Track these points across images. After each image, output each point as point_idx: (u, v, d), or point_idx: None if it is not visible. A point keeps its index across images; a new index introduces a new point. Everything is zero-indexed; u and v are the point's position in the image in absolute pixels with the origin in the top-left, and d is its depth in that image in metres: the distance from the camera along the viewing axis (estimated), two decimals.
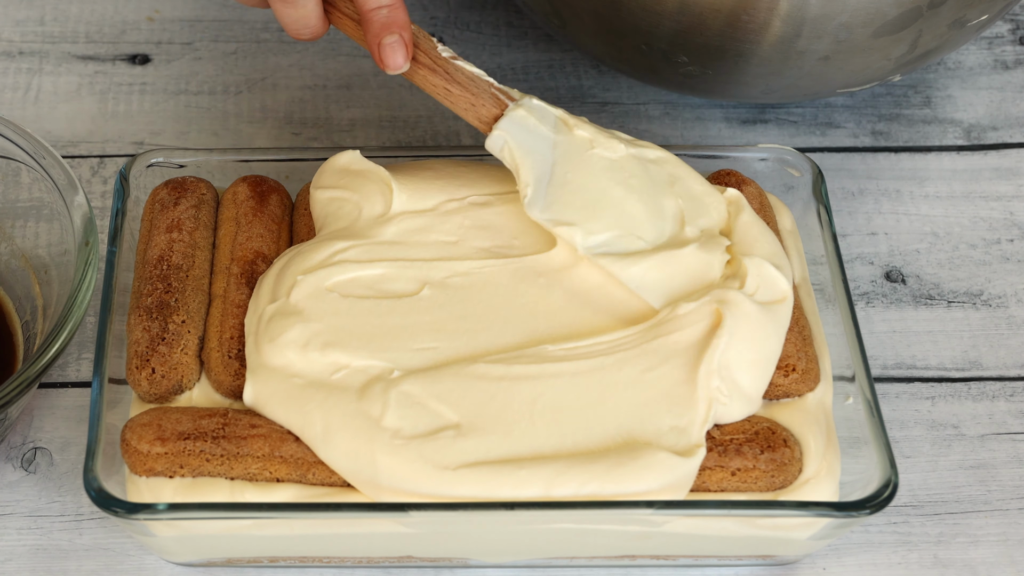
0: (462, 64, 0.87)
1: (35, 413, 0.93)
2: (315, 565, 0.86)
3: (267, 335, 0.83)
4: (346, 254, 0.86)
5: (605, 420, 0.81)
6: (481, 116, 0.86)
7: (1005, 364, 0.97)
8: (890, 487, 0.80)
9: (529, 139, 0.86)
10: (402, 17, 0.85)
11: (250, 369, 0.83)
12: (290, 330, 0.83)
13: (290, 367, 0.82)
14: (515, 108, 0.86)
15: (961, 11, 0.96)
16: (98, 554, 0.88)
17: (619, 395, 0.82)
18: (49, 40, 1.13)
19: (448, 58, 0.86)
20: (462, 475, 0.79)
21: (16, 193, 0.95)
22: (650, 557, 0.86)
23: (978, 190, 1.06)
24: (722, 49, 0.96)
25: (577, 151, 0.87)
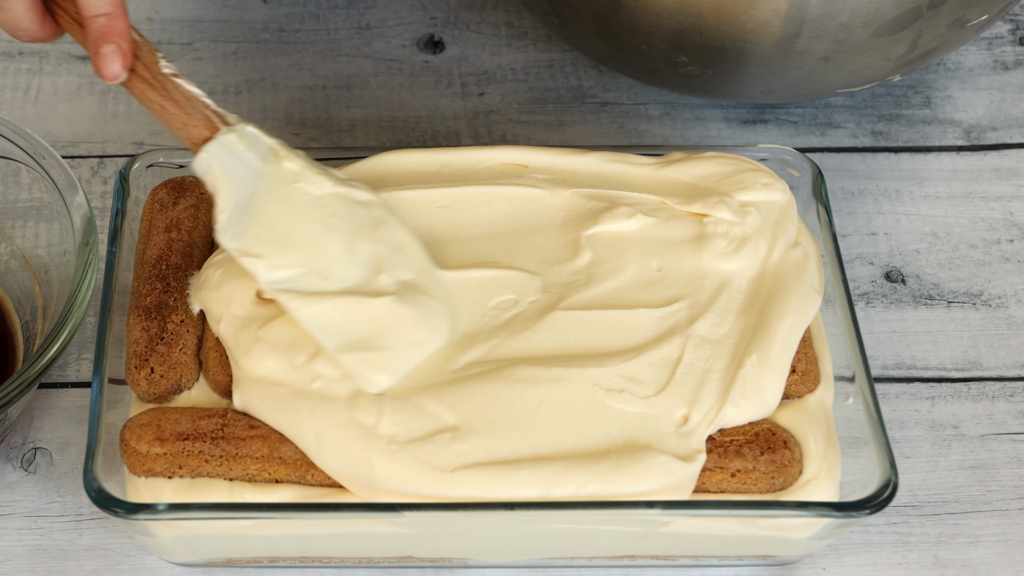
0: (182, 82, 0.84)
1: (35, 413, 0.93)
2: (315, 565, 0.86)
3: (240, 348, 0.83)
4: None
5: (606, 423, 0.81)
6: (192, 136, 0.84)
7: (1005, 364, 0.97)
8: (890, 487, 0.80)
9: (234, 165, 0.84)
10: (121, 26, 0.82)
11: (235, 378, 0.83)
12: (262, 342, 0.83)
13: (271, 376, 0.82)
14: (226, 132, 0.84)
15: (961, 11, 0.96)
16: (98, 554, 0.88)
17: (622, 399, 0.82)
18: None
19: (169, 74, 0.84)
20: (460, 476, 0.79)
21: (16, 193, 0.95)
22: (650, 557, 0.86)
23: (978, 190, 1.06)
24: (722, 49, 0.96)
25: (280, 183, 0.84)
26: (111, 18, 0.82)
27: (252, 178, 0.84)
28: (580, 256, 0.87)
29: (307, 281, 0.83)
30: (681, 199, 0.89)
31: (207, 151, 0.83)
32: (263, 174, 0.84)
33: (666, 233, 0.88)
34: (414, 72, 1.12)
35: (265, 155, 0.85)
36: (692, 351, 0.84)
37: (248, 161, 0.84)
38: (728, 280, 0.87)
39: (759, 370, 0.83)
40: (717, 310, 0.86)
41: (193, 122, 0.84)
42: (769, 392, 0.83)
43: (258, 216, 0.84)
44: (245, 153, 0.84)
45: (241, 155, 0.84)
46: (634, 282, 0.87)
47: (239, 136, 0.84)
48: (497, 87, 1.11)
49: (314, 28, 1.15)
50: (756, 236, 0.87)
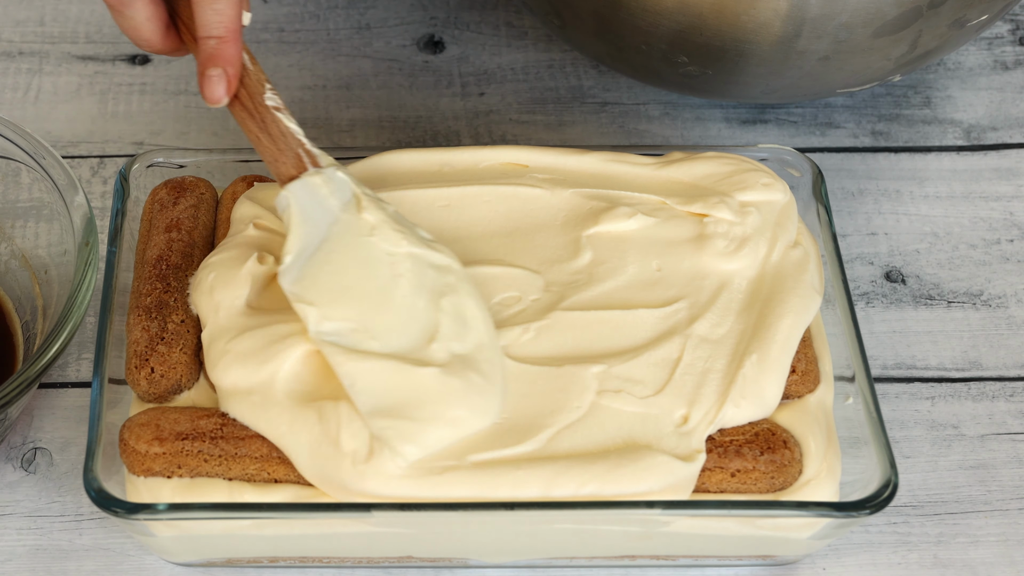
0: (281, 117, 0.84)
1: (35, 413, 0.93)
2: (315, 565, 0.86)
3: (210, 360, 0.83)
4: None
5: (606, 423, 0.81)
6: (280, 172, 0.84)
7: (1005, 364, 0.97)
8: (890, 487, 0.80)
9: (313, 208, 0.83)
10: (230, 52, 0.82)
11: (216, 388, 0.84)
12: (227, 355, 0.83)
13: (239, 386, 0.82)
14: (313, 174, 0.83)
15: (961, 11, 0.96)
16: (98, 554, 0.88)
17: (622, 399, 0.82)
18: (49, 40, 1.13)
19: (271, 107, 0.84)
20: (450, 478, 0.79)
21: (16, 193, 0.95)
22: (650, 557, 0.86)
23: (978, 190, 1.06)
24: (722, 49, 0.96)
25: (353, 234, 0.83)
26: (222, 42, 0.82)
27: (327, 224, 0.83)
28: (580, 256, 0.87)
29: (355, 338, 0.81)
30: (681, 199, 0.89)
31: (289, 189, 0.83)
32: (339, 222, 0.83)
33: (666, 233, 0.88)
34: (414, 72, 1.12)
35: (347, 203, 0.83)
36: (692, 351, 0.84)
37: (328, 206, 0.83)
38: (728, 280, 0.87)
39: (759, 370, 0.83)
40: (717, 310, 0.86)
41: (283, 158, 0.84)
42: (769, 392, 0.83)
43: (323, 264, 0.82)
44: (327, 198, 0.83)
45: (323, 199, 0.83)
46: (634, 282, 0.87)
47: (325, 180, 0.83)
48: (497, 87, 1.11)
49: (314, 28, 1.15)
50: (756, 236, 0.88)
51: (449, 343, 0.82)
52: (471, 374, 0.81)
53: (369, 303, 0.82)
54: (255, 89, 0.84)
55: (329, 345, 0.81)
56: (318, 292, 0.82)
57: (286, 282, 0.82)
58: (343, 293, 0.82)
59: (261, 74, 0.84)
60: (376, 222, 0.83)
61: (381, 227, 0.83)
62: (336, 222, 0.83)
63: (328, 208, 0.83)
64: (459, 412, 0.80)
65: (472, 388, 0.81)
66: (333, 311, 0.81)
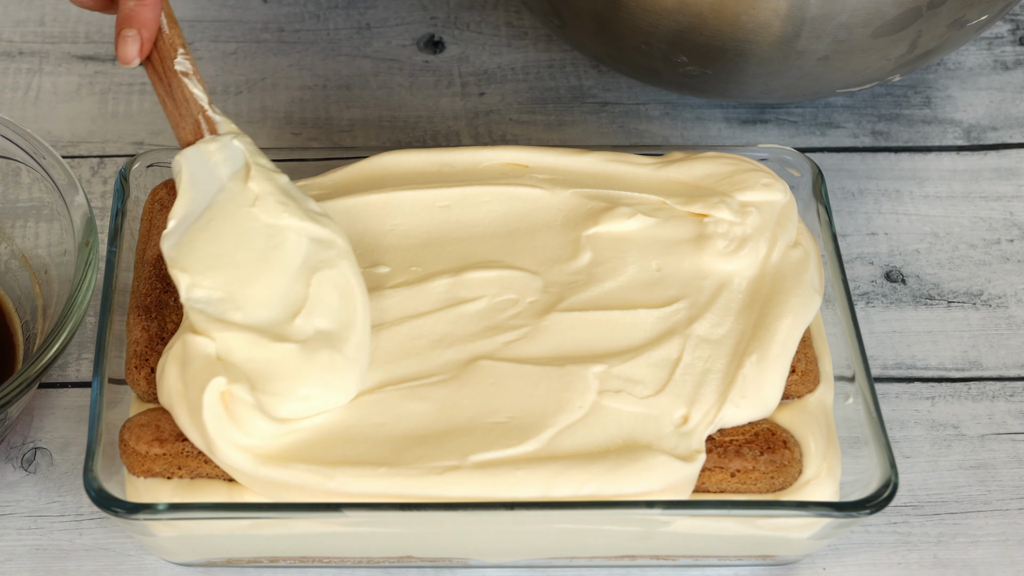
0: (187, 83, 0.86)
1: (35, 413, 0.93)
2: (315, 565, 0.86)
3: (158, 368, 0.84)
4: None
5: (606, 423, 0.81)
6: (180, 137, 0.86)
7: (1005, 364, 0.97)
8: (890, 487, 0.80)
9: (203, 174, 0.84)
10: (146, 15, 0.84)
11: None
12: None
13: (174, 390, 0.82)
14: (208, 141, 0.85)
15: (961, 11, 0.96)
16: (98, 554, 0.88)
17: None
18: (49, 40, 1.13)
19: (179, 72, 0.86)
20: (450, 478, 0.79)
21: (16, 193, 0.95)
22: (650, 557, 0.86)
23: (978, 190, 1.06)
24: (722, 49, 0.96)
25: (235, 203, 0.84)
26: (140, 4, 0.84)
27: (213, 192, 0.84)
28: (580, 256, 0.87)
29: (220, 307, 0.82)
30: (681, 199, 0.89)
31: (183, 154, 0.85)
32: (224, 190, 0.84)
33: (666, 233, 0.88)
34: (414, 72, 1.12)
35: (236, 172, 0.85)
36: (692, 351, 0.84)
37: (218, 174, 0.84)
38: (728, 280, 0.87)
39: (759, 370, 0.83)
40: (717, 310, 0.86)
41: (183, 123, 0.86)
42: (769, 392, 0.83)
43: (201, 231, 0.83)
44: (219, 166, 0.84)
45: (213, 167, 0.84)
46: (634, 282, 0.87)
47: (219, 148, 0.85)
48: (497, 87, 1.11)
49: (314, 28, 1.15)
50: (756, 236, 0.88)
51: (313, 319, 0.82)
52: (329, 352, 0.81)
53: (240, 273, 0.83)
54: (166, 53, 0.86)
55: (196, 312, 0.82)
56: (193, 259, 0.83)
57: (166, 246, 0.83)
58: (216, 261, 0.83)
59: (177, 38, 0.86)
60: (261, 192, 0.84)
61: (265, 198, 0.84)
62: (222, 190, 0.84)
63: (217, 176, 0.84)
64: (309, 390, 0.81)
65: (328, 366, 0.81)
66: (204, 279, 0.82)
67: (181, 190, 0.84)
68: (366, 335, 0.83)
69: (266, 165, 0.86)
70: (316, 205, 0.86)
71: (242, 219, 0.84)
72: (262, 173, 0.85)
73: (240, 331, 0.81)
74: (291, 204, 0.84)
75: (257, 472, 0.79)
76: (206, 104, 0.86)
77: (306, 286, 0.83)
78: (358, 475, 0.79)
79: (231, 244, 0.83)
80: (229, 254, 0.83)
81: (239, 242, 0.83)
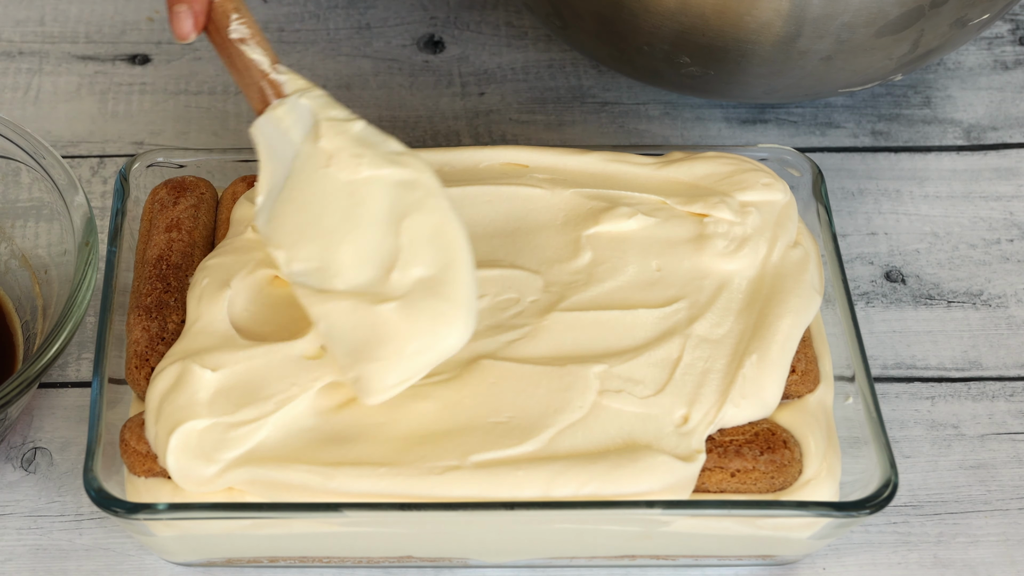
0: (245, 49, 0.82)
1: (35, 413, 0.93)
2: (315, 565, 0.86)
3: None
4: None
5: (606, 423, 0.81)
6: (253, 107, 0.83)
7: (1005, 364, 0.97)
8: (890, 487, 0.80)
9: (278, 142, 0.81)
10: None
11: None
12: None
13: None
14: (276, 107, 0.81)
15: (963, 10, 0.96)
16: (98, 554, 0.88)
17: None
18: (49, 40, 1.13)
19: (235, 39, 0.82)
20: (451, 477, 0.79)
21: (16, 193, 0.95)
22: (650, 557, 0.86)
23: (978, 190, 1.06)
24: (724, 49, 0.96)
25: (311, 167, 0.81)
26: None
27: (290, 159, 0.81)
28: (580, 256, 0.87)
29: (319, 277, 0.80)
30: (681, 199, 0.89)
31: (255, 126, 0.82)
32: (300, 155, 0.81)
33: (666, 233, 0.88)
34: (414, 72, 1.12)
35: (308, 133, 0.81)
36: (692, 351, 0.84)
37: (291, 139, 0.81)
38: (728, 280, 0.87)
39: (759, 370, 0.83)
40: (717, 310, 0.86)
41: (250, 93, 0.82)
42: (769, 392, 0.83)
43: (286, 202, 0.81)
44: (290, 130, 0.81)
45: (286, 132, 0.81)
46: (634, 282, 0.87)
47: (288, 110, 0.81)
48: (497, 87, 1.11)
49: (314, 28, 1.15)
50: (756, 236, 0.88)
51: (410, 269, 0.79)
52: (432, 301, 0.79)
53: (330, 239, 0.80)
54: (221, 22, 0.82)
55: (300, 287, 0.80)
56: (284, 233, 0.81)
57: (260, 223, 0.81)
58: (306, 231, 0.81)
59: (229, 3, 0.82)
60: (333, 149, 0.81)
61: (338, 155, 0.81)
62: (297, 156, 0.81)
63: (291, 141, 0.81)
64: (419, 344, 0.78)
65: (434, 316, 0.79)
66: (299, 251, 0.80)
67: (261, 163, 0.81)
68: (468, 272, 0.79)
69: (338, 116, 0.82)
70: (397, 144, 0.82)
71: (320, 182, 0.81)
72: (332, 128, 0.82)
73: (340, 300, 0.79)
74: (367, 153, 0.81)
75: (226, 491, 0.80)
76: (267, 67, 0.82)
77: (396, 236, 0.80)
78: (359, 475, 0.79)
79: (316, 210, 0.81)
80: (316, 221, 0.80)
81: (323, 206, 0.81)
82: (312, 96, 0.82)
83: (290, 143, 0.81)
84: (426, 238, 0.80)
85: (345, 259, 0.80)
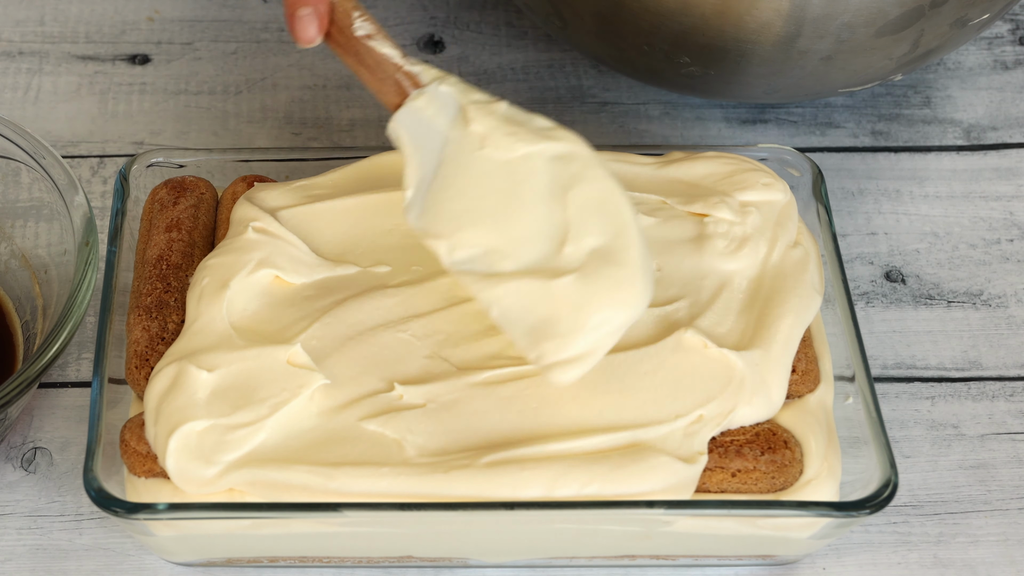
0: (374, 45, 0.81)
1: (35, 413, 0.93)
2: (315, 565, 0.86)
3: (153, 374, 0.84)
4: None
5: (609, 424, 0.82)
6: (386, 103, 0.82)
7: (1005, 364, 0.97)
8: (890, 487, 0.80)
9: (422, 134, 0.80)
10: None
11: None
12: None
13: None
14: (415, 98, 0.80)
15: (963, 10, 0.96)
16: (98, 554, 0.88)
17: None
18: (49, 40, 1.13)
19: (362, 37, 0.81)
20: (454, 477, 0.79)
21: (16, 193, 0.95)
22: (650, 557, 0.86)
23: (978, 190, 1.06)
24: (724, 49, 0.96)
25: (466, 151, 0.80)
26: None
27: (439, 147, 0.80)
28: None
29: (488, 261, 0.79)
30: (681, 199, 0.89)
31: (395, 120, 0.81)
32: (450, 142, 0.80)
33: (666, 233, 0.88)
34: None
35: (454, 119, 0.81)
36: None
37: (436, 127, 0.80)
38: (728, 280, 0.87)
39: (764, 370, 0.83)
40: (717, 310, 0.86)
41: (385, 88, 0.81)
42: (775, 392, 0.83)
43: (441, 191, 0.80)
44: (434, 119, 0.80)
45: (429, 122, 0.80)
46: None
47: (429, 100, 0.81)
48: (497, 87, 1.11)
49: None
50: (756, 236, 0.88)
51: (582, 240, 0.79)
52: (609, 268, 0.78)
53: (494, 221, 0.79)
54: (344, 22, 0.81)
55: (465, 275, 0.79)
56: (443, 222, 0.79)
57: (412, 218, 0.80)
58: (467, 217, 0.79)
59: (348, 2, 0.81)
60: (485, 130, 0.80)
61: (492, 135, 0.80)
62: (447, 143, 0.80)
63: (437, 129, 0.80)
64: (602, 315, 0.78)
65: (613, 284, 0.78)
66: (462, 238, 0.79)
67: (406, 156, 0.80)
68: (639, 237, 0.79)
69: (480, 99, 0.81)
70: (544, 120, 0.82)
71: (477, 165, 0.80)
72: (480, 110, 0.81)
73: (514, 280, 0.78)
74: (519, 131, 0.80)
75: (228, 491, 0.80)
76: (399, 59, 0.81)
77: (563, 209, 0.79)
78: (360, 475, 0.79)
79: (475, 194, 0.80)
80: (477, 205, 0.79)
81: (482, 189, 0.80)
82: (450, 83, 0.81)
83: (436, 132, 0.80)
84: (593, 208, 0.79)
85: (512, 239, 0.79)
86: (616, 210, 0.80)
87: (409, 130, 0.80)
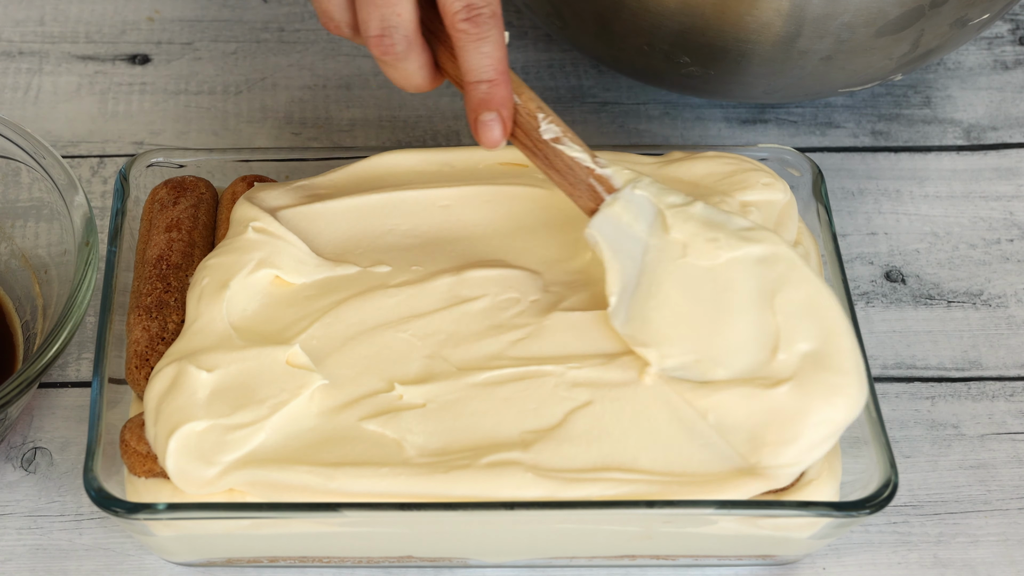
0: (563, 149, 0.82)
1: (35, 413, 0.93)
2: (315, 565, 0.86)
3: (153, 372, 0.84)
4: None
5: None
6: (580, 206, 0.82)
7: (1005, 364, 0.97)
8: (890, 487, 0.80)
9: (621, 240, 0.81)
10: (502, 94, 0.80)
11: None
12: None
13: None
14: (610, 204, 0.81)
15: (963, 10, 0.96)
16: (98, 554, 0.88)
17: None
18: (49, 40, 1.13)
19: (549, 140, 0.82)
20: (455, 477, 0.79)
21: (16, 193, 0.95)
22: (650, 557, 0.86)
23: (978, 190, 1.06)
24: (724, 49, 0.96)
25: (667, 259, 0.81)
26: (493, 85, 0.80)
27: (639, 254, 0.81)
28: (581, 256, 0.87)
29: (700, 369, 0.80)
30: None
31: (592, 227, 0.81)
32: (650, 249, 0.81)
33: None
34: None
35: (652, 225, 0.81)
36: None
37: (635, 234, 0.81)
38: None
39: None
40: None
41: (577, 192, 0.82)
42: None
43: (647, 299, 0.80)
44: (632, 225, 0.81)
45: (627, 228, 0.81)
46: None
47: (624, 206, 0.81)
48: None
49: (314, 28, 1.15)
50: None
51: (794, 346, 0.79)
52: (824, 375, 0.79)
53: (704, 329, 0.80)
54: (529, 125, 0.82)
55: (679, 383, 0.79)
56: (652, 331, 0.80)
57: (617, 324, 0.81)
58: (675, 326, 0.80)
59: (532, 104, 0.82)
60: (686, 238, 0.81)
61: (693, 242, 0.81)
62: (648, 250, 0.81)
63: (636, 236, 0.81)
64: (820, 418, 0.78)
65: (828, 390, 0.79)
66: (671, 347, 0.80)
67: (607, 263, 0.81)
68: (851, 338, 0.80)
69: (676, 202, 0.82)
70: (742, 220, 0.82)
71: (680, 273, 0.81)
72: (678, 215, 0.81)
73: (731, 388, 0.79)
74: (720, 236, 0.81)
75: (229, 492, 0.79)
76: (590, 163, 0.82)
77: (772, 315, 0.80)
78: (360, 475, 0.79)
79: (681, 303, 0.80)
80: (684, 314, 0.80)
81: (688, 298, 0.80)
82: (643, 186, 0.82)
83: (635, 238, 0.81)
84: (801, 311, 0.80)
85: (723, 347, 0.80)
86: (825, 312, 0.80)
87: (606, 236, 0.81)
